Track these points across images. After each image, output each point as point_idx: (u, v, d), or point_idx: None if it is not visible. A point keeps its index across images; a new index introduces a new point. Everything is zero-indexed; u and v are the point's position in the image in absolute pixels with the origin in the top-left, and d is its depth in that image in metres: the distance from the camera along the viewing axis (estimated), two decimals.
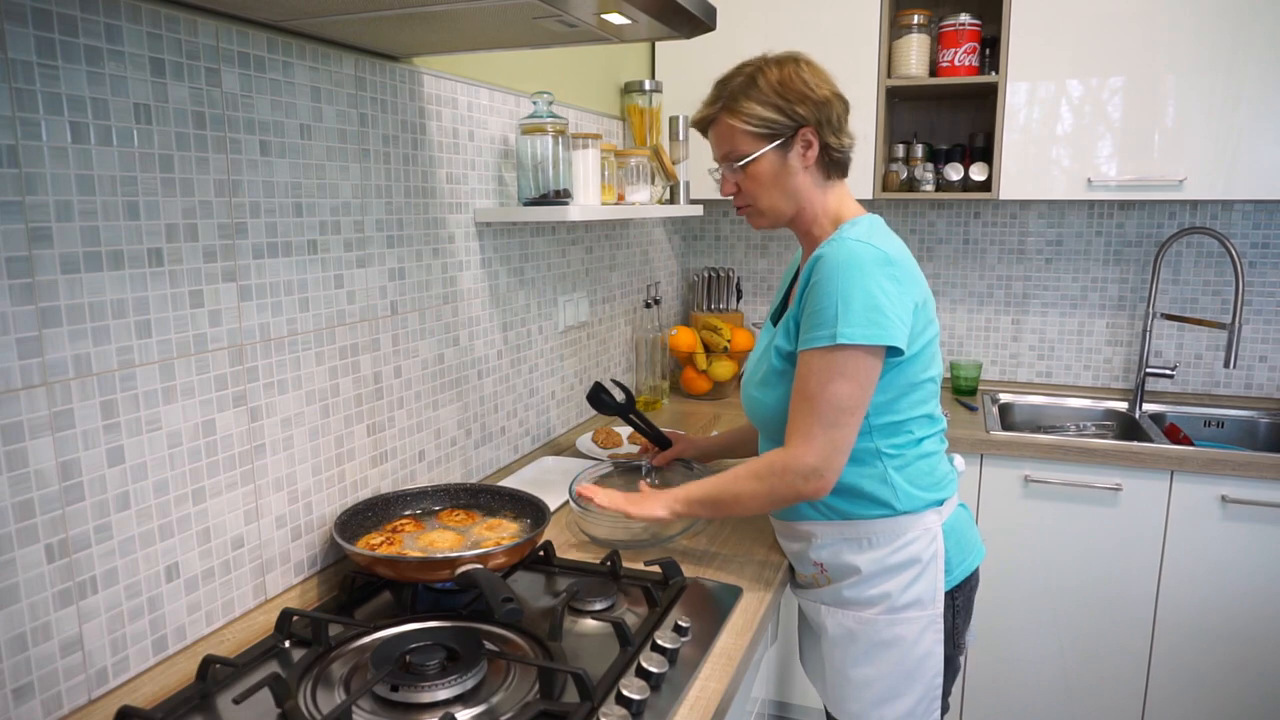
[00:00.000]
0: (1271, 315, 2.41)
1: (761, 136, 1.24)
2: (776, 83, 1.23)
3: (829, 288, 1.15)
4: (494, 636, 1.12)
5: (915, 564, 1.26)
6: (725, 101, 1.26)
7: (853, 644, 1.29)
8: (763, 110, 1.23)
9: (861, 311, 1.14)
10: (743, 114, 1.24)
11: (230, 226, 1.10)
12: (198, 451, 1.08)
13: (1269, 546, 1.96)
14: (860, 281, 1.14)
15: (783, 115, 1.23)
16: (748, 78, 1.25)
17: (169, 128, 1.01)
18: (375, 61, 1.35)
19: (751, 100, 1.23)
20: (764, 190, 1.27)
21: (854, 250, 1.17)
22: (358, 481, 1.38)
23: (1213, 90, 2.07)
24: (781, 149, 1.24)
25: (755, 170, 1.26)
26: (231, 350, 1.12)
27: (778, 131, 1.23)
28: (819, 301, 1.16)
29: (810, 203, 1.28)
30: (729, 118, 1.25)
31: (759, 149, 1.25)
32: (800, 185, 1.27)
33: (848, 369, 1.15)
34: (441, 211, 1.54)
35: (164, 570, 1.04)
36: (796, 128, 1.23)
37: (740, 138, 1.25)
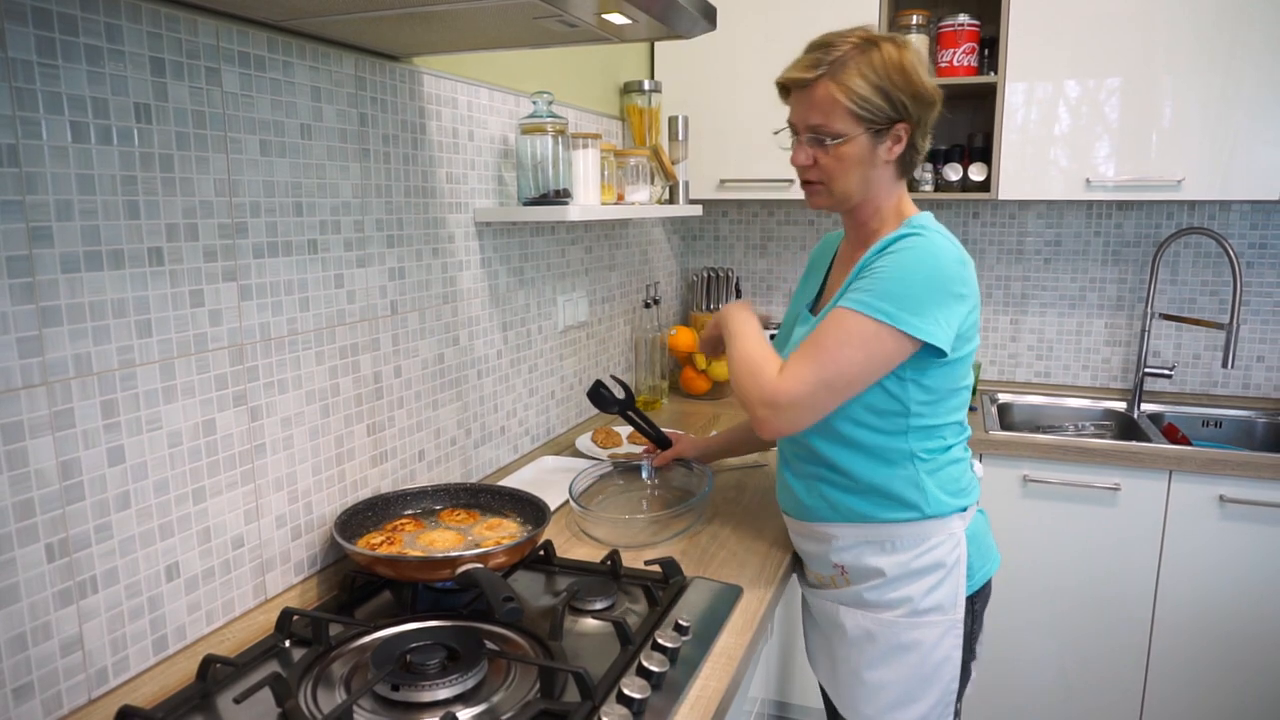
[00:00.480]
0: (1269, 315, 2.41)
1: (859, 119, 1.16)
2: (894, 66, 1.15)
3: (900, 265, 1.12)
4: (494, 636, 1.12)
5: (939, 568, 1.24)
6: (831, 69, 1.16)
7: (871, 645, 1.27)
8: (870, 93, 1.15)
9: (918, 302, 1.11)
10: (849, 88, 1.15)
11: (230, 226, 1.10)
12: (198, 451, 1.08)
13: (1267, 546, 1.96)
14: (931, 272, 1.12)
15: (888, 104, 1.16)
16: (858, 49, 1.16)
17: (169, 127, 1.01)
18: (375, 61, 1.35)
19: (861, 77, 1.15)
20: (843, 174, 1.20)
21: (939, 244, 1.15)
22: (358, 481, 1.38)
23: (1210, 91, 2.08)
24: (874, 137, 1.18)
25: (842, 151, 1.18)
26: (232, 350, 1.12)
27: (876, 119, 1.16)
28: (883, 271, 1.13)
29: (879, 196, 1.24)
30: (833, 87, 1.16)
31: (854, 132, 1.17)
32: (877, 178, 1.21)
33: (872, 343, 1.11)
34: (441, 211, 1.54)
35: (164, 570, 1.04)
36: (896, 120, 1.17)
37: (838, 113, 1.16)
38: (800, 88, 1.20)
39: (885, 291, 1.11)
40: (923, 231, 1.17)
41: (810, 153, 1.21)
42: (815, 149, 1.20)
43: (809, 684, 2.20)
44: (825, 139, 1.18)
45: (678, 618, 1.13)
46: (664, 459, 1.67)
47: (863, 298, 1.13)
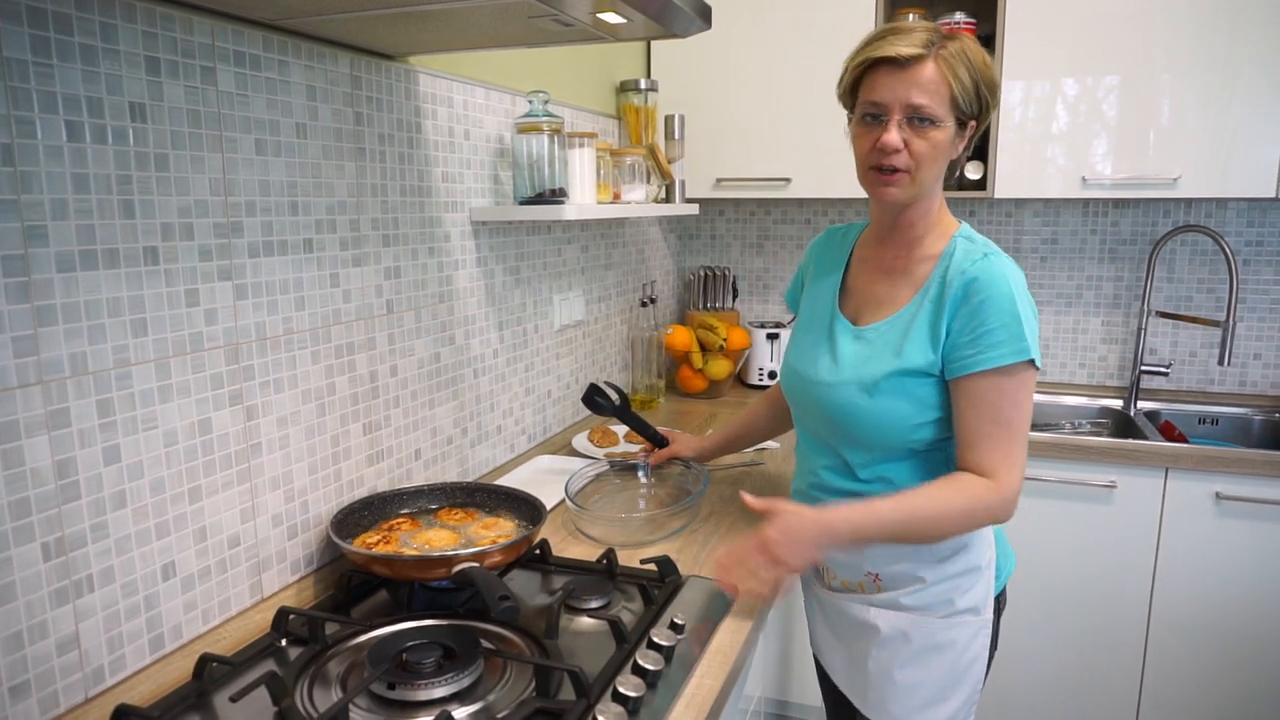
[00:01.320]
0: (1265, 313, 2.41)
1: (956, 106, 1.15)
2: (985, 65, 1.16)
3: (1004, 304, 1.11)
4: (490, 634, 1.13)
5: (975, 570, 1.24)
6: (939, 50, 1.13)
7: (905, 645, 1.25)
8: (970, 83, 1.14)
9: (1031, 328, 1.13)
10: (956, 74, 1.13)
11: (226, 225, 1.11)
12: (194, 450, 1.08)
13: (1263, 543, 1.97)
14: (1024, 299, 1.13)
15: (978, 99, 1.16)
16: (962, 44, 1.15)
17: (164, 126, 1.01)
18: (371, 60, 1.35)
19: (965, 66, 1.14)
20: (932, 161, 1.16)
21: (1013, 267, 1.16)
22: (354, 480, 1.38)
23: (1207, 89, 2.08)
24: (957, 130, 1.17)
25: (936, 137, 1.15)
26: (227, 349, 1.12)
27: (966, 112, 1.16)
28: (996, 318, 1.11)
29: (930, 195, 1.22)
30: (944, 68, 1.13)
31: (949, 119, 1.15)
32: (940, 173, 1.20)
33: (1028, 384, 1.13)
34: (437, 210, 1.54)
35: (160, 569, 1.04)
36: (974, 117, 1.18)
37: (942, 96, 1.13)
38: (906, 65, 1.13)
39: (1014, 334, 1.11)
40: (997, 259, 1.16)
41: (905, 134, 1.15)
42: (911, 131, 1.15)
43: (807, 682, 2.20)
44: (926, 121, 1.14)
45: (673, 616, 1.13)
46: (660, 457, 1.66)
47: (1000, 351, 1.11)
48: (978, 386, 1.13)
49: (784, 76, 2.34)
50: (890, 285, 1.26)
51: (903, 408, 1.19)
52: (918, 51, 1.12)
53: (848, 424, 1.23)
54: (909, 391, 1.18)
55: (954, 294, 1.15)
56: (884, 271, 1.27)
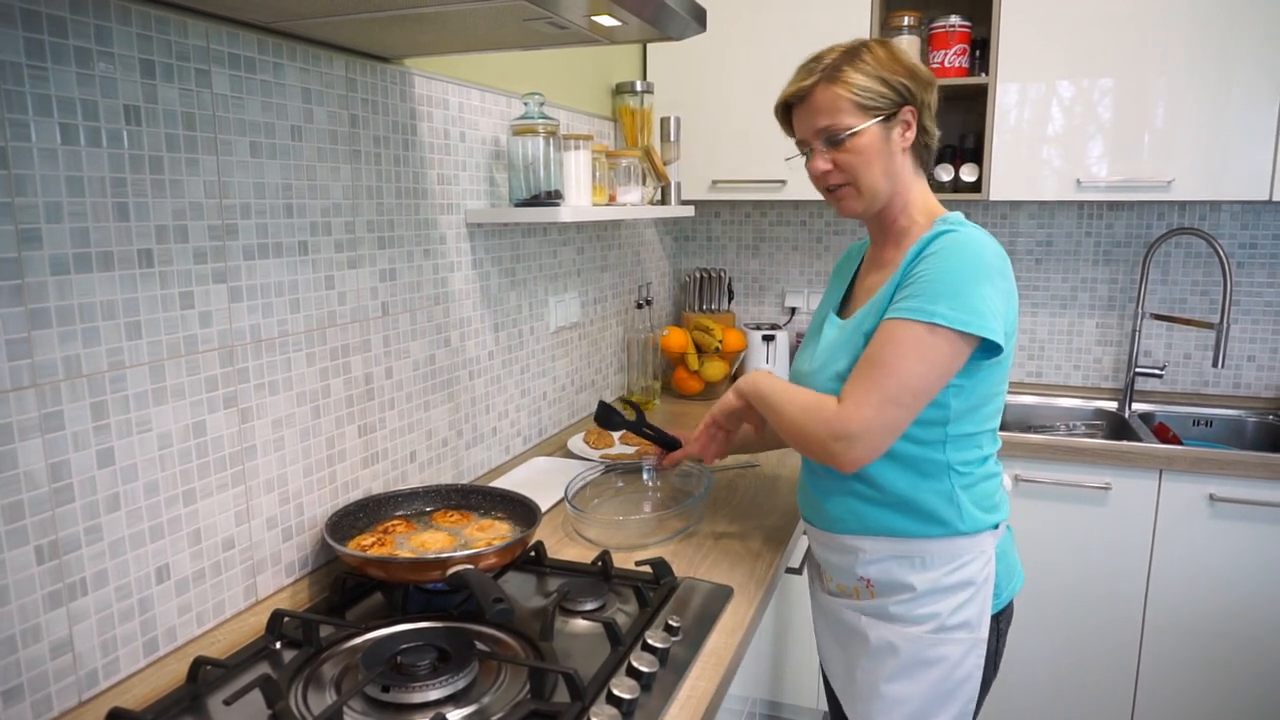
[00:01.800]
0: (1259, 315, 2.42)
1: (865, 109, 1.17)
2: (884, 56, 1.19)
3: (942, 264, 1.11)
4: (485, 637, 1.13)
5: (969, 586, 1.21)
6: (825, 73, 1.19)
7: (893, 658, 1.24)
8: (868, 81, 1.17)
9: (968, 298, 1.09)
10: (847, 83, 1.17)
11: (221, 228, 1.10)
12: (188, 453, 1.08)
13: (1257, 545, 1.97)
14: (976, 268, 1.10)
15: (888, 89, 1.17)
16: (847, 53, 1.20)
17: (159, 129, 1.01)
18: (366, 63, 1.35)
19: (857, 71, 1.17)
20: (866, 167, 1.19)
21: (977, 238, 1.14)
22: (349, 483, 1.38)
23: (1201, 92, 2.09)
24: (884, 125, 1.18)
25: (858, 144, 1.18)
26: (222, 351, 1.12)
27: (881, 106, 1.18)
28: (927, 274, 1.11)
29: (906, 188, 1.23)
30: (832, 86, 1.18)
31: (863, 121, 1.17)
32: (899, 167, 1.21)
33: (930, 352, 1.09)
34: (433, 212, 1.54)
35: (154, 572, 1.04)
36: (900, 104, 1.18)
37: (843, 108, 1.17)
38: (801, 99, 1.21)
39: (933, 293, 1.09)
40: (958, 228, 1.15)
41: (827, 157, 1.21)
42: (831, 152, 1.20)
43: (802, 684, 2.21)
44: (838, 136, 1.18)
45: (668, 618, 1.13)
46: (674, 459, 1.57)
47: (911, 304, 1.10)
48: (883, 329, 1.13)
49: (780, 79, 2.33)
50: (880, 277, 1.27)
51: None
52: (801, 85, 1.20)
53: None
54: None
55: (909, 258, 1.16)
56: (876, 266, 1.30)
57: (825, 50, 1.22)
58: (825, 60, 1.20)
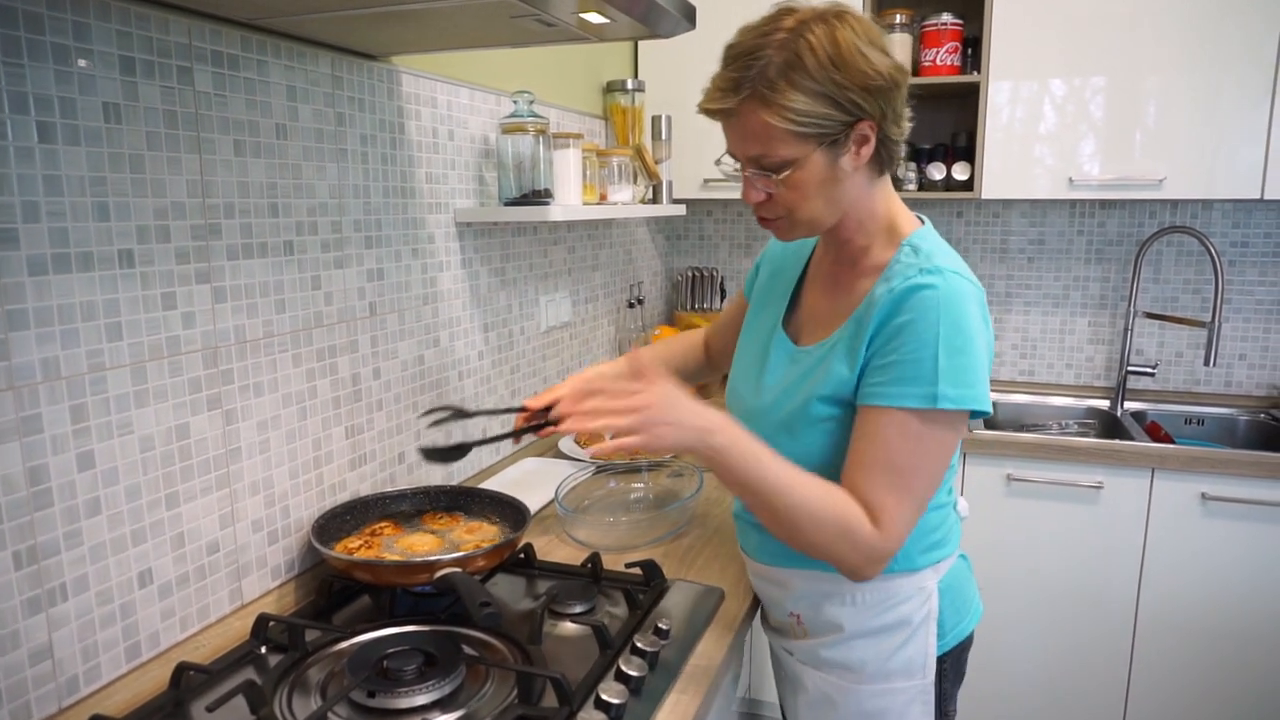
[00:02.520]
0: (1250, 314, 2.42)
1: (808, 137, 0.94)
2: (829, 60, 0.91)
3: (931, 335, 0.93)
4: (473, 640, 1.11)
5: (904, 626, 1.10)
6: (755, 87, 0.93)
7: (832, 711, 1.15)
8: (811, 103, 0.92)
9: (964, 371, 0.94)
10: (783, 108, 0.92)
11: (204, 227, 1.09)
12: (171, 455, 1.06)
13: (1248, 543, 1.97)
14: (965, 330, 0.94)
15: (837, 109, 0.93)
16: (788, 53, 0.92)
17: (139, 127, 0.99)
18: (352, 60, 1.34)
19: (795, 89, 0.91)
20: (805, 201, 0.99)
21: (957, 289, 0.95)
22: (336, 484, 1.36)
23: (1194, 90, 2.08)
24: (831, 149, 0.96)
25: (795, 179, 0.97)
26: (206, 352, 1.10)
27: (828, 131, 0.94)
28: (914, 349, 0.94)
29: (856, 208, 1.03)
30: (763, 112, 0.93)
31: (803, 153, 0.95)
32: (848, 191, 1.00)
33: (944, 435, 0.96)
34: (421, 212, 1.53)
35: (136, 576, 1.03)
36: (853, 121, 0.95)
37: (778, 139, 0.94)
38: (729, 117, 0.98)
39: (931, 373, 0.93)
40: (937, 277, 0.95)
41: (761, 187, 1.00)
42: (765, 182, 0.99)
43: None
44: (776, 167, 0.97)
45: (657, 621, 1.12)
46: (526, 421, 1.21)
47: (908, 390, 0.94)
48: (878, 420, 0.97)
49: None
50: (832, 302, 1.10)
51: (818, 448, 1.04)
52: (727, 105, 0.96)
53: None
54: (830, 429, 1.03)
55: (877, 315, 0.98)
56: (830, 285, 1.12)
57: (757, 36, 0.94)
58: (756, 63, 0.93)
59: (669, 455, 1.00)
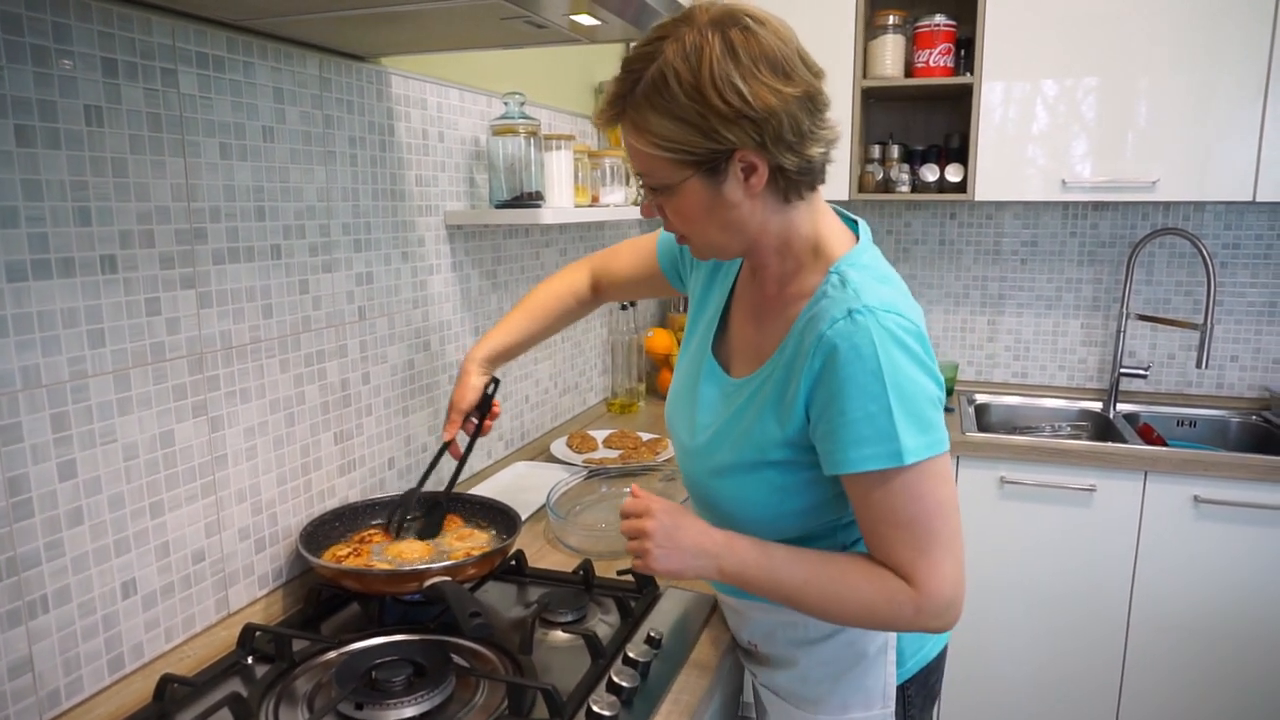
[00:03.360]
0: (1242, 315, 2.42)
1: (682, 163, 0.87)
2: (691, 87, 0.83)
3: (873, 386, 0.85)
4: (463, 650, 1.10)
5: (860, 659, 1.04)
6: (622, 109, 0.89)
7: None
8: (676, 129, 0.85)
9: (919, 414, 0.86)
10: (649, 133, 0.86)
11: (189, 232, 1.07)
12: (155, 463, 1.05)
13: (1241, 546, 1.97)
14: (907, 372, 0.86)
15: (704, 138, 0.85)
16: (656, 74, 0.85)
17: (122, 130, 0.98)
18: (341, 62, 1.32)
19: (659, 113, 0.85)
20: (694, 226, 0.93)
21: (891, 330, 0.86)
22: (325, 491, 1.35)
23: (1186, 92, 2.08)
24: (709, 176, 0.88)
25: (678, 204, 0.91)
26: (191, 359, 1.09)
27: (700, 158, 0.86)
28: (857, 406, 0.86)
29: (765, 233, 0.94)
30: (633, 135, 0.89)
31: (678, 177, 0.88)
32: (744, 218, 0.91)
33: (929, 482, 0.88)
34: (411, 214, 1.51)
35: (120, 587, 1.01)
36: (728, 151, 0.86)
37: (652, 161, 0.89)
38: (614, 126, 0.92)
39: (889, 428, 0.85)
40: (868, 319, 0.86)
41: (654, 203, 0.94)
42: (655, 199, 0.94)
43: None
44: (657, 188, 0.92)
45: (650, 629, 1.11)
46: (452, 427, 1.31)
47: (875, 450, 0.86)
48: (856, 487, 0.90)
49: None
50: (758, 330, 1.02)
51: (756, 495, 0.98)
52: (605, 120, 0.91)
53: (704, 502, 1.07)
54: (765, 479, 0.97)
55: (808, 366, 0.89)
56: (756, 311, 1.03)
57: (640, 50, 0.88)
58: (629, 83, 0.87)
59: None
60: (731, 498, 1.01)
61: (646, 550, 0.95)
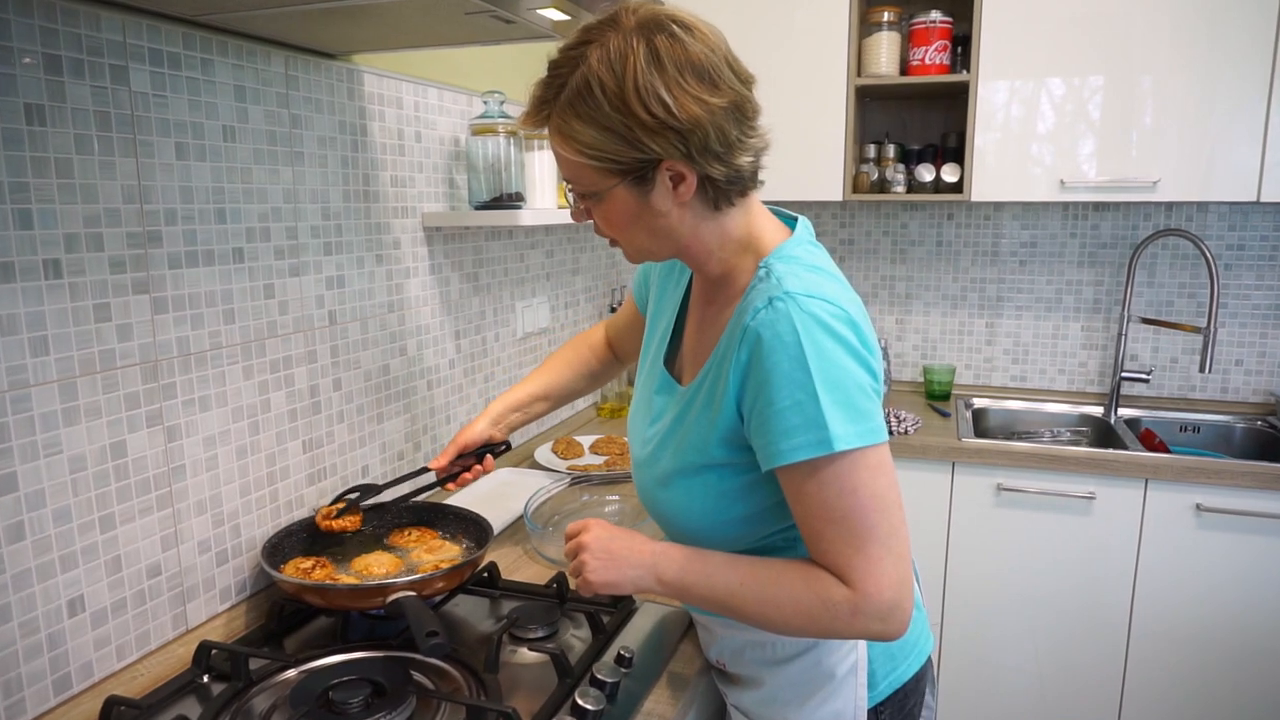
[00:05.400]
0: (1247, 318, 2.37)
1: (607, 171, 0.86)
2: (615, 95, 0.81)
3: (796, 373, 0.82)
4: (427, 668, 1.06)
5: (828, 680, 0.99)
6: (549, 112, 0.86)
7: None
8: (600, 137, 0.83)
9: (851, 401, 0.83)
10: (572, 140, 0.85)
11: (142, 235, 1.03)
12: (105, 475, 1.01)
13: (1244, 555, 1.92)
14: (833, 357, 0.83)
15: (629, 147, 0.83)
16: (579, 80, 0.83)
17: (67, 130, 0.94)
18: (309, 59, 1.28)
19: (582, 120, 0.83)
20: (623, 232, 0.92)
21: (812, 314, 0.83)
22: (293, 501, 1.31)
23: (1189, 90, 2.03)
24: (636, 184, 0.86)
25: (606, 211, 0.90)
26: (144, 366, 1.05)
27: (625, 167, 0.85)
28: (784, 394, 0.83)
29: (698, 241, 0.92)
30: (558, 142, 0.87)
31: (605, 185, 0.87)
32: (673, 225, 0.90)
33: (865, 474, 0.83)
34: (385, 216, 1.47)
35: (66, 604, 0.97)
36: (654, 161, 0.84)
37: (577, 167, 0.87)
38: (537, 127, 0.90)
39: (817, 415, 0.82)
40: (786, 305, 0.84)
41: (582, 208, 0.93)
42: (583, 204, 0.92)
43: None
44: (582, 194, 0.90)
45: (621, 648, 1.07)
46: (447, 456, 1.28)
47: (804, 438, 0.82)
48: (789, 481, 0.86)
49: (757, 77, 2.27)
50: (700, 337, 1.00)
51: (700, 504, 0.95)
52: (529, 126, 0.89)
53: (654, 513, 1.04)
54: (706, 484, 0.94)
55: (736, 358, 0.87)
56: (699, 318, 1.02)
57: (564, 54, 0.85)
58: (553, 87, 0.85)
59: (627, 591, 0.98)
60: (676, 507, 0.98)
61: (582, 562, 0.94)
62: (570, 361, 1.38)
